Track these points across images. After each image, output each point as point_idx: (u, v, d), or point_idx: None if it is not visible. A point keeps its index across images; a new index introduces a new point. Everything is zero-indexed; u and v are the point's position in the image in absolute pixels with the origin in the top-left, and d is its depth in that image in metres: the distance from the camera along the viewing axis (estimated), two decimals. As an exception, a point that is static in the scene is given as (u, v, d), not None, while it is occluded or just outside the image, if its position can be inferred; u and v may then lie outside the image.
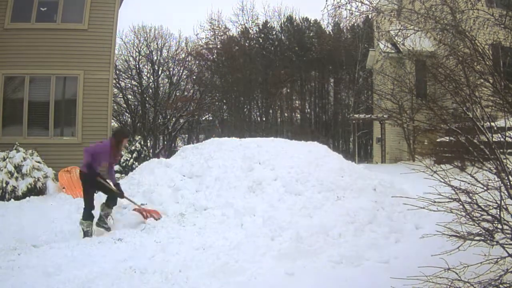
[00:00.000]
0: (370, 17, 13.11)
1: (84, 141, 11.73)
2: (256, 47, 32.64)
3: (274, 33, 34.24)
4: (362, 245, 5.27)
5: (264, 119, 32.27)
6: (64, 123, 12.15)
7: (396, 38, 11.77)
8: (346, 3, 10.65)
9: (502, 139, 3.98)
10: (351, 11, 10.69)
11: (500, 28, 7.20)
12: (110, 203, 6.53)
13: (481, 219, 3.57)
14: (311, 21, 34.94)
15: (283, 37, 34.33)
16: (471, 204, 3.63)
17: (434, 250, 3.84)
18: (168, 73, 30.12)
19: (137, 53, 28.71)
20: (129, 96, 29.21)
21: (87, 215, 6.29)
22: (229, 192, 6.82)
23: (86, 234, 6.20)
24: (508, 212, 3.46)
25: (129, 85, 29.12)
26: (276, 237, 5.36)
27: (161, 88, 30.38)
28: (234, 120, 28.79)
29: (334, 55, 31.14)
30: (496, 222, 3.46)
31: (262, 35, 33.66)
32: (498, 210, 3.48)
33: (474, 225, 3.61)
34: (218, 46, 31.20)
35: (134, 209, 6.91)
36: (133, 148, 12.43)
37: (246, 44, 31.57)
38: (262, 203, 6.33)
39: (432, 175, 3.68)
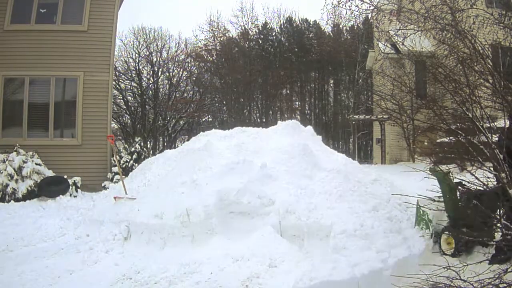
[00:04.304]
0: (370, 16, 13.09)
1: (84, 143, 11.75)
2: (255, 48, 32.67)
3: (273, 34, 34.29)
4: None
5: (264, 120, 32.29)
6: (64, 124, 12.16)
7: (395, 37, 11.74)
8: (346, 1, 10.62)
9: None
10: (351, 10, 10.65)
11: (499, 27, 7.20)
12: None
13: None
14: (311, 22, 35.04)
15: (282, 38, 34.37)
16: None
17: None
18: (168, 74, 30.13)
19: (136, 55, 28.71)
20: (129, 98, 29.19)
21: None
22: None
23: None
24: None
25: (129, 86, 29.12)
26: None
27: (161, 90, 30.36)
28: (234, 121, 28.79)
29: (334, 56, 31.18)
30: (495, 222, 3.47)
31: (262, 36, 33.71)
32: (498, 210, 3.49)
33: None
34: (218, 48, 31.23)
35: (114, 197, 7.66)
36: (132, 149, 12.41)
37: (246, 45, 31.60)
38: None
39: (432, 174, 3.68)
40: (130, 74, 28.74)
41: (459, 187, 5.18)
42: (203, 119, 32.10)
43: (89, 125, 11.86)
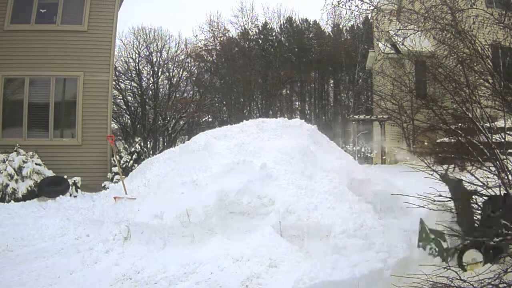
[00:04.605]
0: (370, 16, 13.11)
1: (84, 143, 11.75)
2: (255, 48, 32.68)
3: (273, 34, 34.31)
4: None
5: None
6: (64, 124, 12.16)
7: (395, 37, 11.75)
8: (346, 1, 10.64)
9: (502, 139, 3.98)
10: (351, 10, 10.67)
11: (499, 27, 7.20)
12: None
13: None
14: (311, 22, 35.06)
15: (282, 38, 34.39)
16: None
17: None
18: (167, 74, 30.12)
19: (136, 55, 28.69)
20: (129, 98, 29.16)
21: None
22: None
23: None
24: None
25: (129, 86, 29.09)
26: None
27: (161, 90, 30.33)
28: (234, 121, 28.77)
29: (334, 56, 31.18)
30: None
31: (262, 36, 33.72)
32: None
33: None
34: (218, 48, 31.24)
35: (114, 197, 7.64)
36: (132, 149, 12.41)
37: (246, 46, 31.60)
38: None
39: (432, 174, 3.68)
40: (130, 74, 28.72)
41: (474, 196, 4.35)
42: (203, 119, 32.08)
43: (89, 125, 11.86)
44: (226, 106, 31.07)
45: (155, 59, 29.17)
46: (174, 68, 30.06)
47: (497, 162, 3.72)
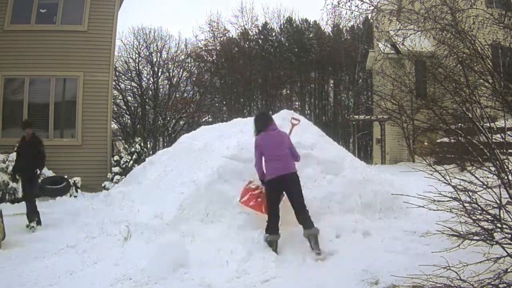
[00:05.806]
0: (370, 16, 13.13)
1: (84, 143, 11.76)
2: (255, 48, 32.68)
3: (273, 34, 34.31)
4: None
5: (263, 120, 32.17)
6: (64, 124, 12.17)
7: (395, 37, 11.75)
8: (346, 2, 10.66)
9: (502, 139, 3.98)
10: (351, 10, 10.69)
11: (499, 28, 7.20)
12: None
13: (481, 218, 3.57)
14: (311, 22, 35.07)
15: (282, 38, 34.39)
16: (471, 204, 3.63)
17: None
18: (167, 74, 30.15)
19: (136, 55, 28.75)
20: (129, 98, 29.23)
21: None
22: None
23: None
24: (508, 212, 3.46)
25: (129, 86, 29.15)
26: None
27: (161, 90, 30.40)
28: (234, 121, 28.74)
29: (334, 56, 31.18)
30: (495, 222, 3.46)
31: (262, 37, 33.73)
32: (498, 210, 3.48)
33: (473, 224, 3.61)
34: (218, 48, 31.25)
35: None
36: (132, 149, 12.41)
37: (246, 46, 31.60)
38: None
39: (432, 174, 3.67)
40: (130, 74, 28.77)
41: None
42: (203, 119, 32.13)
43: (89, 125, 11.87)
44: (226, 106, 31.08)
45: (155, 59, 29.24)
46: (174, 68, 30.13)
47: (497, 162, 3.72)
